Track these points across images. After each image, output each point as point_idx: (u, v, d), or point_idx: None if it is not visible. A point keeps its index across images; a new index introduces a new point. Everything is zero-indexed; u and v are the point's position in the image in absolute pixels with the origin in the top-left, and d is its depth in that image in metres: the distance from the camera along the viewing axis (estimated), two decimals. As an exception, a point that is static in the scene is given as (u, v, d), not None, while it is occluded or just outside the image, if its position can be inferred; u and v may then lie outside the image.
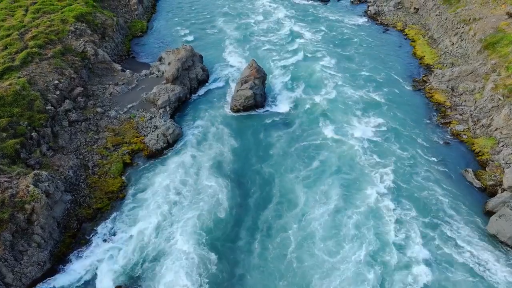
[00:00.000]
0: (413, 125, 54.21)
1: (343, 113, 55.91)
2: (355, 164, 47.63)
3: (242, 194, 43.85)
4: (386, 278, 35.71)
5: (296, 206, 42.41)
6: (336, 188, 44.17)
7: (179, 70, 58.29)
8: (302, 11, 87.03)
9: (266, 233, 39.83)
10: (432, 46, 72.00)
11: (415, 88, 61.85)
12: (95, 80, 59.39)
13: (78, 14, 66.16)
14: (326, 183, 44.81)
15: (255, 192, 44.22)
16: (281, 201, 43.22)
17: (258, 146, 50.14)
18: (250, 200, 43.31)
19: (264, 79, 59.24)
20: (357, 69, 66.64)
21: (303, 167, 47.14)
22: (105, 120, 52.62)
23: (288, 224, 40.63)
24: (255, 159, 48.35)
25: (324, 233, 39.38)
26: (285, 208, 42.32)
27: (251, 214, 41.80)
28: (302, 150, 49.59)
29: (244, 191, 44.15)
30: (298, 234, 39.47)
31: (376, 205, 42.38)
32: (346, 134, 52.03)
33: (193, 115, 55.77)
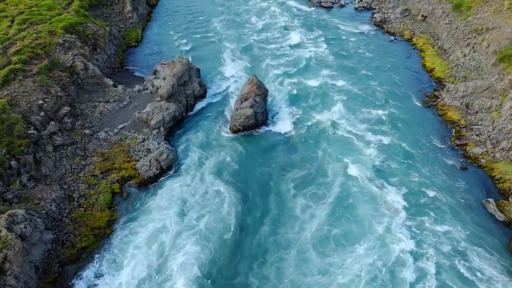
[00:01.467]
0: (425, 147, 49.71)
1: (348, 133, 51.41)
2: (363, 193, 43.17)
3: (241, 238, 39.23)
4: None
5: (303, 251, 37.92)
6: (343, 225, 39.80)
7: (174, 87, 53.75)
8: (305, 18, 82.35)
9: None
10: (442, 57, 67.38)
11: (426, 105, 57.30)
12: (85, 97, 54.83)
13: (67, 24, 61.51)
14: (334, 220, 40.36)
15: (255, 234, 39.56)
16: (282, 243, 38.76)
17: (259, 175, 45.65)
18: (250, 243, 38.72)
19: (266, 95, 54.74)
20: (363, 82, 62.07)
21: (309, 201, 42.57)
22: (94, 143, 48.11)
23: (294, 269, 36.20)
24: (255, 191, 43.90)
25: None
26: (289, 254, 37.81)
27: (251, 259, 37.28)
28: (306, 179, 45.13)
29: (244, 234, 39.58)
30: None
31: (387, 240, 37.99)
32: (352, 158, 47.50)
33: (189, 136, 51.26)
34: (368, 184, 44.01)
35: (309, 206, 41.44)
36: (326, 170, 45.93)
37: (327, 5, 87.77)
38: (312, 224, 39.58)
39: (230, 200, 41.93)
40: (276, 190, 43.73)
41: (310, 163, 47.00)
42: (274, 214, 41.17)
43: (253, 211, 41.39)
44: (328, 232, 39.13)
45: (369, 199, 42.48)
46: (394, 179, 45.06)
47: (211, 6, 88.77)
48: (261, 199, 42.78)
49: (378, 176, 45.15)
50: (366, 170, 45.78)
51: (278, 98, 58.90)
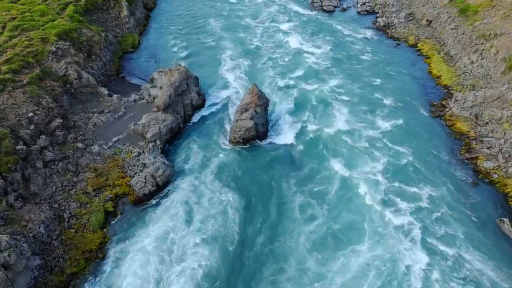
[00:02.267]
0: (433, 160, 47.17)
1: (353, 146, 48.91)
2: (370, 211, 40.67)
3: (241, 260, 36.67)
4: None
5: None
6: (349, 246, 37.24)
7: (171, 97, 51.18)
8: (307, 23, 79.67)
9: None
10: (449, 64, 64.80)
11: (433, 115, 54.73)
12: (78, 108, 52.24)
13: (61, 31, 58.87)
14: (341, 241, 37.80)
15: (255, 258, 36.96)
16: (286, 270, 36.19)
17: (260, 194, 43.03)
18: (249, 267, 36.18)
19: (267, 105, 52.19)
20: (367, 91, 59.49)
21: (315, 224, 40.01)
22: (87, 158, 45.54)
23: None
24: (256, 209, 41.32)
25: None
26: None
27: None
28: (311, 195, 42.54)
29: (244, 254, 37.03)
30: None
31: (396, 260, 35.52)
32: (358, 173, 45.07)
33: (187, 149, 48.70)
34: (374, 201, 41.51)
35: (315, 231, 38.82)
36: (331, 186, 43.31)
37: (329, 9, 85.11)
38: (320, 252, 37.04)
39: (230, 220, 39.41)
40: (279, 211, 41.10)
41: (314, 179, 44.42)
42: (279, 245, 38.32)
43: (253, 236, 38.69)
44: (334, 252, 36.64)
45: (377, 218, 39.96)
46: (403, 196, 42.57)
47: (210, 10, 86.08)
48: (262, 220, 40.15)
49: (386, 192, 42.64)
50: (373, 186, 43.26)
51: (279, 107, 56.33)
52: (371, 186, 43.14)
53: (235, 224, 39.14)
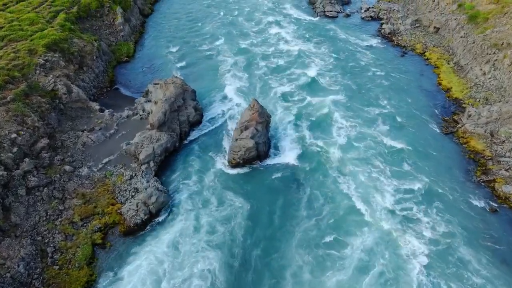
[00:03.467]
0: (447, 183, 43.41)
1: (361, 167, 45.10)
2: (380, 243, 36.90)
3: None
4: None
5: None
6: (362, 280, 33.53)
7: (166, 114, 47.36)
8: (309, 30, 75.80)
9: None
10: (459, 75, 60.97)
11: (445, 131, 50.94)
12: (67, 125, 48.42)
13: (50, 41, 55.02)
14: (351, 275, 34.07)
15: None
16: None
17: (261, 223, 39.21)
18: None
19: (268, 122, 48.41)
20: (373, 104, 55.73)
21: (321, 258, 36.26)
22: (74, 182, 41.74)
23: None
24: (257, 246, 37.36)
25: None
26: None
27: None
28: (316, 228, 38.72)
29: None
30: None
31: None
32: (366, 199, 41.33)
33: (182, 171, 44.91)
34: (385, 232, 37.72)
35: (322, 268, 35.04)
36: (338, 216, 39.52)
37: (332, 15, 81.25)
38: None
39: (228, 257, 35.61)
40: (281, 244, 37.27)
41: (320, 206, 40.65)
42: (280, 265, 34.81)
43: (253, 276, 34.82)
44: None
45: (387, 252, 36.16)
46: (415, 226, 38.81)
47: (210, 16, 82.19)
48: (263, 255, 36.33)
49: (397, 221, 38.91)
50: (383, 214, 39.48)
51: (281, 122, 52.54)
52: (381, 214, 39.37)
53: (233, 260, 35.30)
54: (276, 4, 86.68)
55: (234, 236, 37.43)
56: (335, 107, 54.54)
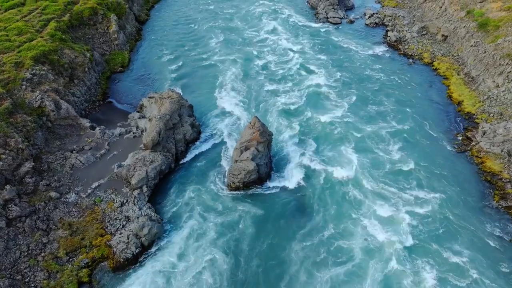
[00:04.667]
0: (463, 209, 39.85)
1: (370, 191, 41.49)
2: (392, 281, 33.28)
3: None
4: None
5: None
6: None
7: (160, 133, 43.69)
8: (311, 37, 72.08)
9: None
10: (470, 87, 57.29)
11: (458, 149, 47.32)
12: (54, 145, 44.76)
13: (38, 53, 51.36)
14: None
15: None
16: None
17: (262, 256, 35.50)
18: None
19: (270, 142, 44.74)
20: (381, 119, 52.08)
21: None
22: (61, 210, 38.11)
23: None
24: (256, 278, 33.72)
25: None
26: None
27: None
28: (322, 261, 35.03)
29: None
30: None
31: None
32: (376, 227, 37.61)
33: (178, 196, 41.30)
34: (398, 268, 34.11)
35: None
36: (346, 248, 35.90)
37: (335, 21, 77.50)
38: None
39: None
40: (288, 272, 33.71)
41: (326, 236, 36.97)
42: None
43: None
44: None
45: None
46: (429, 259, 35.21)
47: (208, 22, 78.50)
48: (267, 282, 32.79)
49: (410, 253, 35.33)
50: (394, 246, 35.84)
51: (283, 139, 48.89)
52: (392, 247, 35.70)
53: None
54: (277, 10, 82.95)
55: (233, 273, 33.74)
56: (340, 122, 50.91)
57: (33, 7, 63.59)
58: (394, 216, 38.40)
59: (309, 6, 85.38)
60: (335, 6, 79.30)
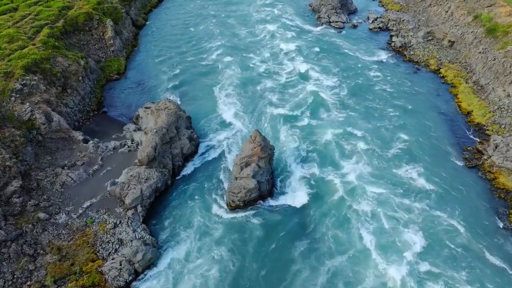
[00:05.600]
0: (475, 229, 37.38)
1: (376, 212, 38.98)
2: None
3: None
4: None
5: None
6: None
7: (156, 148, 41.14)
8: (313, 42, 69.51)
9: None
10: (480, 96, 54.71)
11: (469, 164, 44.78)
12: (45, 160, 42.21)
13: (30, 62, 48.83)
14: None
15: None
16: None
17: (265, 279, 32.91)
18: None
19: (271, 156, 42.23)
20: (387, 131, 49.53)
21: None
22: (49, 233, 35.60)
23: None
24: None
25: None
26: None
27: None
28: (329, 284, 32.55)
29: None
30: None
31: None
32: (384, 252, 35.16)
33: (174, 216, 38.79)
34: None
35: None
36: (353, 274, 33.35)
37: (338, 26, 74.85)
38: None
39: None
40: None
41: (329, 261, 34.41)
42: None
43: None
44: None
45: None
46: (441, 283, 32.61)
47: (208, 27, 75.87)
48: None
49: (420, 279, 32.73)
50: (405, 271, 33.33)
51: (285, 152, 46.36)
52: (402, 274, 33.18)
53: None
54: (278, 14, 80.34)
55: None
56: (344, 134, 48.42)
57: (26, 12, 61.00)
58: (402, 237, 35.86)
59: (311, 9, 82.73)
60: (337, 10, 76.66)
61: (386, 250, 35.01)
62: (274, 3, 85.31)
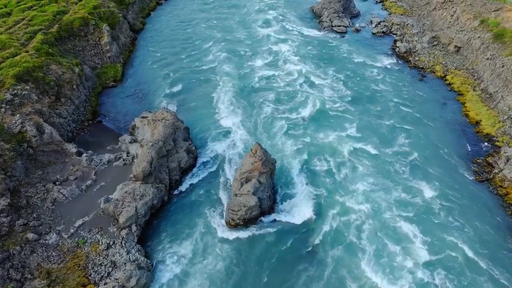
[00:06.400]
0: (490, 251, 35.23)
1: (383, 229, 36.80)
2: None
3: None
4: None
5: None
6: None
7: (152, 163, 38.96)
8: (316, 48, 67.30)
9: None
10: (488, 105, 52.49)
11: (479, 178, 42.59)
12: (36, 175, 40.04)
13: (22, 70, 46.61)
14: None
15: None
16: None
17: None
18: None
19: (273, 170, 40.08)
20: (393, 142, 47.42)
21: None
22: (39, 254, 33.45)
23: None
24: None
25: None
26: None
27: None
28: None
29: None
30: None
31: None
32: (391, 273, 32.92)
33: (171, 235, 36.63)
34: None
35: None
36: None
37: (340, 30, 72.62)
38: None
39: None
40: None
41: (339, 281, 32.29)
42: None
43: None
44: None
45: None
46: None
47: (207, 31, 73.70)
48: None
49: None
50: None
51: (287, 165, 44.21)
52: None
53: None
54: (279, 17, 78.12)
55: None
56: (349, 145, 46.23)
57: (20, 17, 58.83)
58: (408, 256, 33.68)
59: (312, 13, 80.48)
60: (340, 13, 74.42)
61: (387, 269, 32.80)
62: (274, 7, 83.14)
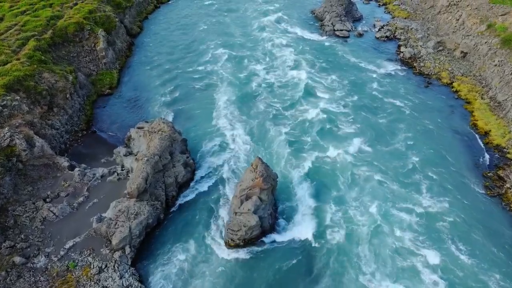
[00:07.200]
0: (506, 275, 32.85)
1: (391, 249, 34.69)
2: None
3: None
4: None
5: None
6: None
7: (148, 179, 36.78)
8: (318, 53, 65.09)
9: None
10: (497, 114, 50.31)
11: (490, 193, 40.45)
12: (25, 191, 37.83)
13: (12, 80, 44.40)
14: None
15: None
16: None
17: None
18: None
19: (274, 186, 37.89)
20: (398, 154, 45.26)
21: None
22: (26, 280, 31.27)
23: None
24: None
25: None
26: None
27: None
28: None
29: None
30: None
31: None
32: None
33: (167, 256, 34.47)
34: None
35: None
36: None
37: (343, 34, 70.40)
38: None
39: None
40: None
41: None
42: None
43: None
44: None
45: None
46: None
47: (206, 36, 71.44)
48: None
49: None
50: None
51: (289, 179, 42.06)
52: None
53: None
54: (279, 21, 75.91)
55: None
56: (354, 160, 44.05)
57: (12, 23, 56.59)
58: (417, 281, 31.52)
59: (314, 16, 78.23)
60: (342, 17, 72.18)
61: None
62: (274, 10, 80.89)
